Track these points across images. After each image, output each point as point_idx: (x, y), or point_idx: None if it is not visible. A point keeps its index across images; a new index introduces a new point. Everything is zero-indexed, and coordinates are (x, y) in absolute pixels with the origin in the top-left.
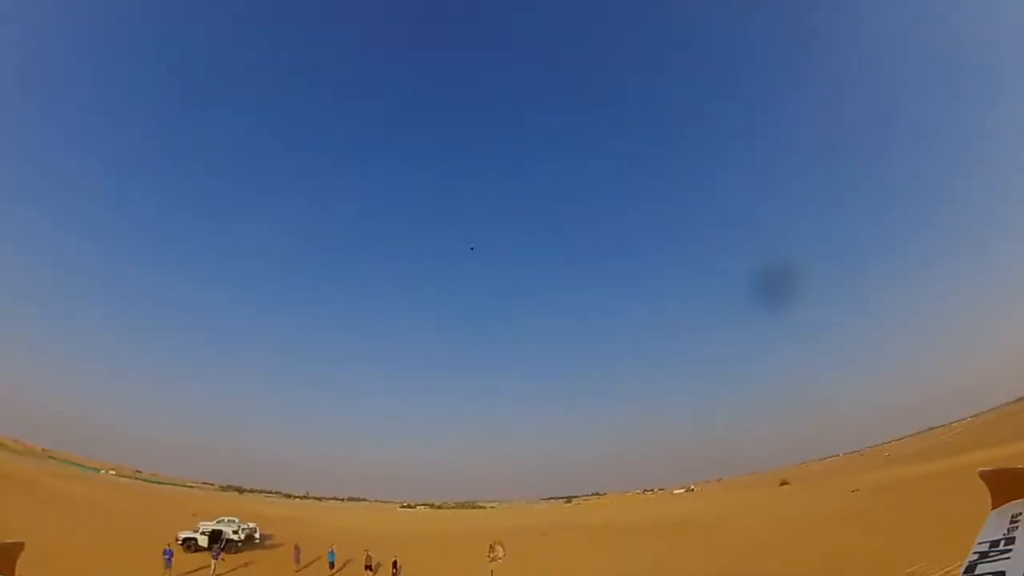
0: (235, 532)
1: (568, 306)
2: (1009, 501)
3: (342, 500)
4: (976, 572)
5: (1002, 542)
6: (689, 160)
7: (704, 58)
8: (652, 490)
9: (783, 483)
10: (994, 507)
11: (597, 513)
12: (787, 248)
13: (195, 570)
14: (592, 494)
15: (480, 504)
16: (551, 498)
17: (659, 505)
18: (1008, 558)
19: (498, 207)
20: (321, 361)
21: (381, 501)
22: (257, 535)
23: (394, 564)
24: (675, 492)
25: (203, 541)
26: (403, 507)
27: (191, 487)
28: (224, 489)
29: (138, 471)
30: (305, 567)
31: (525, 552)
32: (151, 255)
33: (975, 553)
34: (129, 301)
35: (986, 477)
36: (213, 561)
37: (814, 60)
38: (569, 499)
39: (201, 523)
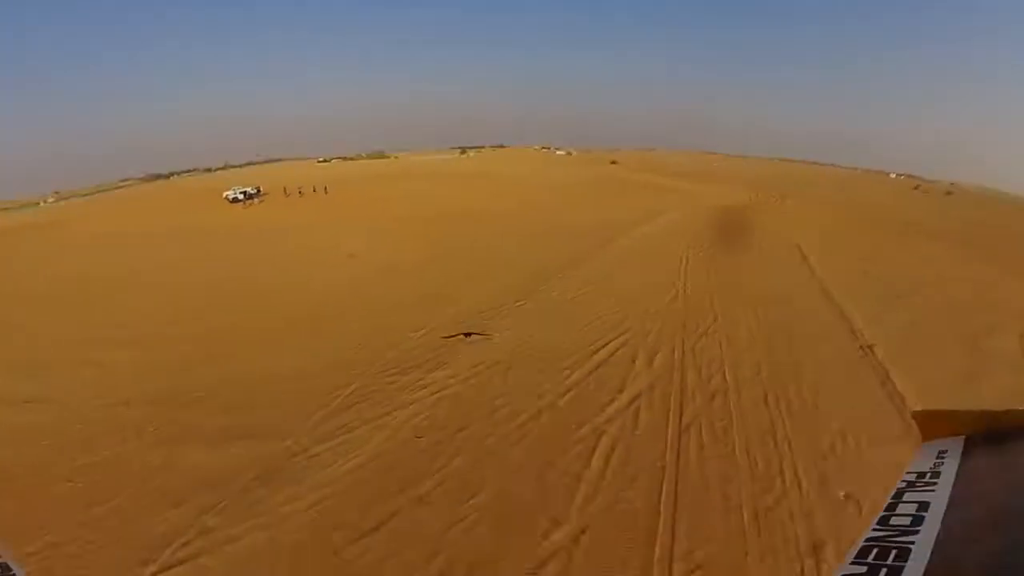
0: (253, 191)
1: None
2: (937, 438)
3: (258, 164)
4: (904, 499)
5: (928, 475)
6: None
7: None
8: (548, 148)
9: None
10: (924, 442)
11: (458, 165)
12: None
13: (249, 207)
14: (497, 146)
15: (387, 154)
16: (451, 148)
17: (500, 162)
18: (932, 490)
19: None
20: None
21: (298, 158)
22: (262, 189)
23: (324, 189)
24: (557, 153)
25: (240, 196)
26: (320, 162)
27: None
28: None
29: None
30: (288, 196)
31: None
32: None
33: (904, 481)
34: None
35: (917, 417)
36: (254, 200)
37: None
38: (464, 150)
39: (226, 192)
